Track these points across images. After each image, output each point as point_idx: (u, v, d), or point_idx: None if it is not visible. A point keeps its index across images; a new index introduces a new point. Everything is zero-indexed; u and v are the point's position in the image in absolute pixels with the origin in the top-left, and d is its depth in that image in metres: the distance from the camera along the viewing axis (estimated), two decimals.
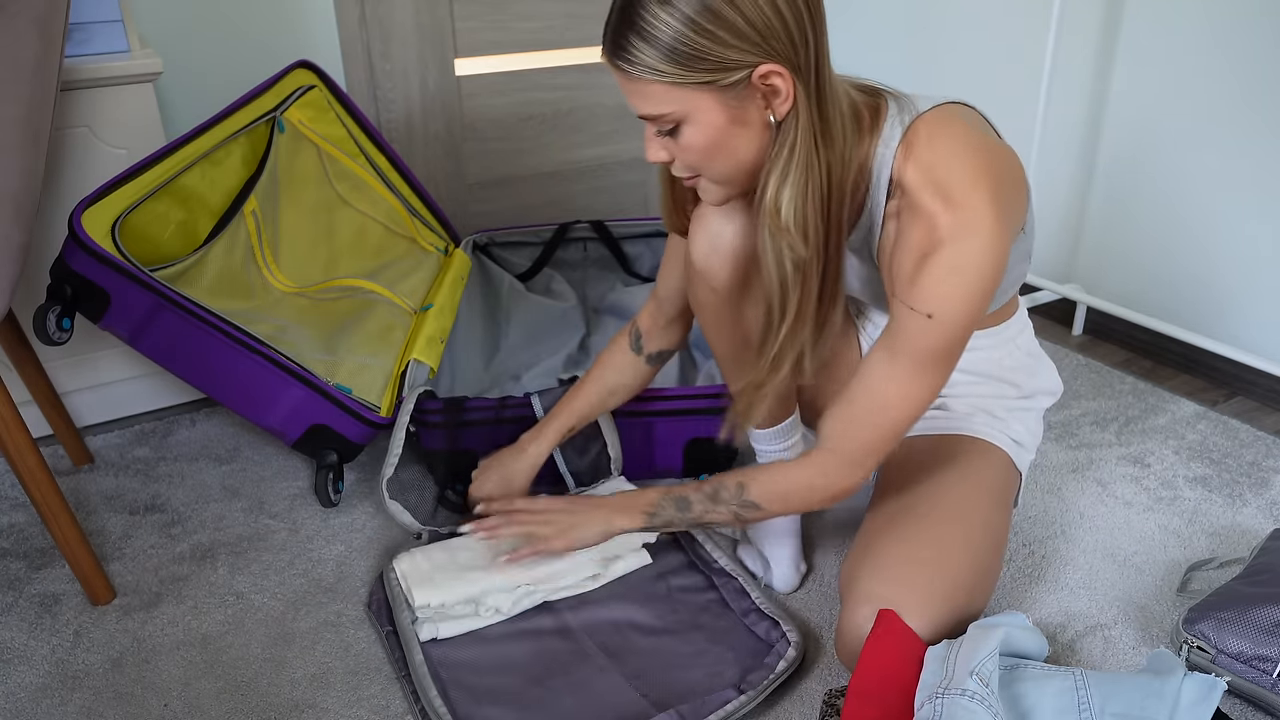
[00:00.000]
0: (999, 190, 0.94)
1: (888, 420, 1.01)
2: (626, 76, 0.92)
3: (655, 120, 0.94)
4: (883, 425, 1.01)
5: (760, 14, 0.87)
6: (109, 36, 1.53)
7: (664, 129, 0.95)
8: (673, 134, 0.95)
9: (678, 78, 0.90)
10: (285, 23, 1.89)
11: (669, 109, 0.92)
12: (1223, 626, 1.09)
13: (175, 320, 1.35)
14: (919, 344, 0.97)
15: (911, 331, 0.96)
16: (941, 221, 0.93)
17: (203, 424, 1.73)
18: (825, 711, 1.03)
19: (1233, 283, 1.78)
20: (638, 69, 0.90)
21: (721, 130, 0.93)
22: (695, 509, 1.10)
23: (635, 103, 0.94)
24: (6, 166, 1.13)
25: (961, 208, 0.93)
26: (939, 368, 0.99)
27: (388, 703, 1.12)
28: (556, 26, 2.16)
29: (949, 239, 0.93)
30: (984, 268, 0.94)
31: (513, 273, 2.02)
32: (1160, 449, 1.60)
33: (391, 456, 1.36)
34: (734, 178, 0.99)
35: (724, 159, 0.96)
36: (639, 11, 0.89)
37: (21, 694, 1.14)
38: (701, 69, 0.89)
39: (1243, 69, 1.68)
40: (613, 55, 0.92)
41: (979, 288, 0.94)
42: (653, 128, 0.96)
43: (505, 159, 2.23)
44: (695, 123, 0.93)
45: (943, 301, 0.94)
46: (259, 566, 1.36)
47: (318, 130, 1.76)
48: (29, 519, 1.47)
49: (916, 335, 0.96)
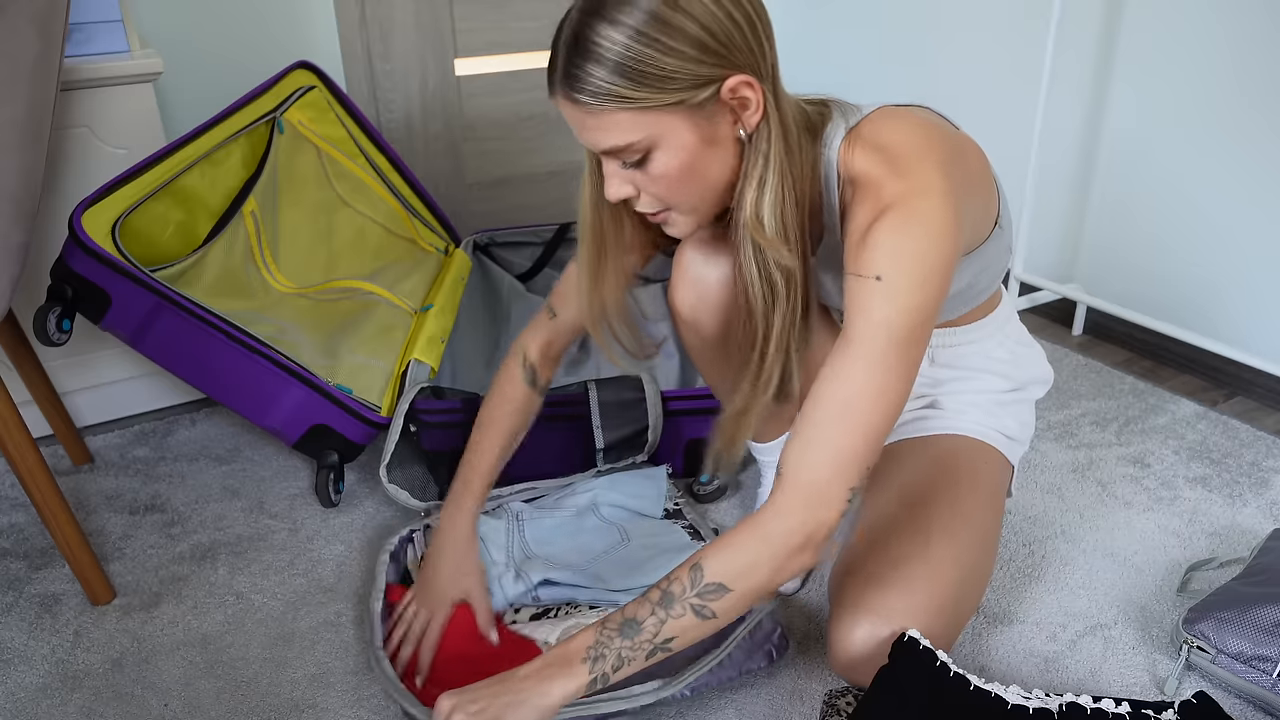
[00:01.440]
0: (948, 164, 0.91)
1: (851, 427, 0.87)
2: (586, 110, 0.86)
3: (620, 153, 0.89)
4: (847, 436, 0.87)
5: (716, 21, 0.84)
6: (109, 36, 1.53)
7: (630, 160, 0.89)
8: (640, 164, 0.89)
9: (644, 101, 0.84)
10: (285, 23, 1.89)
11: (636, 137, 0.87)
12: (1223, 626, 1.09)
13: (176, 321, 1.35)
14: (874, 319, 0.87)
15: (864, 305, 0.87)
16: (887, 188, 0.88)
17: (203, 424, 1.73)
18: (825, 711, 1.03)
19: (1233, 283, 1.78)
20: (599, 99, 0.84)
21: (694, 153, 0.88)
22: (647, 627, 0.88)
23: (595, 138, 0.88)
24: (6, 166, 1.13)
25: (908, 174, 0.89)
26: (900, 352, 0.87)
27: (387, 702, 1.12)
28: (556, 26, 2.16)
29: (896, 202, 0.87)
30: (933, 228, 0.86)
31: (513, 273, 2.02)
32: (1160, 449, 1.60)
33: (390, 444, 1.37)
34: (705, 203, 0.94)
35: (696, 184, 0.91)
36: (587, 36, 0.83)
37: (21, 694, 1.14)
38: (671, 89, 0.84)
39: (1243, 69, 1.68)
40: (569, 89, 0.86)
41: (931, 250, 0.87)
42: (615, 163, 0.90)
43: (505, 159, 2.23)
44: (666, 148, 0.88)
45: (891, 260, 0.86)
46: (259, 566, 1.36)
47: (318, 131, 1.76)
48: (29, 519, 1.47)
49: (870, 309, 0.87)
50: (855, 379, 0.87)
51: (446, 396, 1.42)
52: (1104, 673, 1.15)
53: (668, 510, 1.40)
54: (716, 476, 1.46)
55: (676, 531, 1.34)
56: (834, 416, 0.87)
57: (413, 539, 1.31)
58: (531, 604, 1.22)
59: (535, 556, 1.29)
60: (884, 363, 0.87)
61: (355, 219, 1.79)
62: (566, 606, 1.22)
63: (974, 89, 2.16)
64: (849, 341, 0.88)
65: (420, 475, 1.55)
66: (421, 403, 1.40)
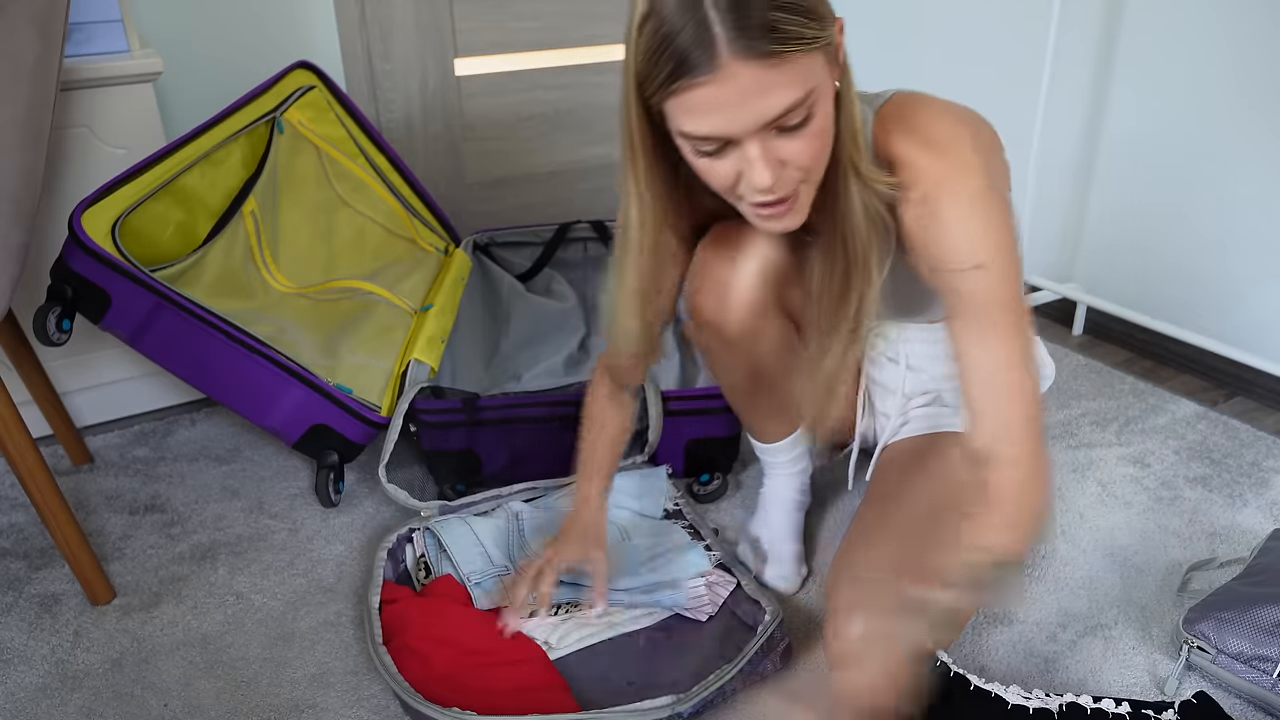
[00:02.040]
0: (976, 136, 0.93)
1: (1021, 400, 0.91)
2: (770, 63, 0.76)
3: (792, 111, 0.79)
4: (1021, 407, 0.91)
5: None
6: (109, 36, 1.53)
7: (794, 122, 0.81)
8: (799, 128, 0.81)
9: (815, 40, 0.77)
10: (285, 23, 1.89)
11: (811, 84, 0.79)
12: (1223, 626, 1.09)
13: (176, 321, 1.35)
14: (992, 299, 0.90)
15: (977, 294, 0.90)
16: (939, 168, 0.90)
17: (203, 424, 1.73)
18: None
19: (1233, 283, 1.78)
20: (787, 43, 0.76)
21: (831, 103, 0.84)
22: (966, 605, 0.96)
23: (768, 104, 0.78)
24: (6, 166, 1.13)
25: (950, 152, 0.90)
26: (1022, 319, 0.91)
27: (388, 702, 1.12)
28: (556, 26, 2.16)
29: (957, 178, 0.89)
30: (992, 200, 0.89)
31: (513, 273, 2.02)
32: (1160, 449, 1.60)
33: (389, 444, 1.36)
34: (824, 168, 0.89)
35: (829, 143, 0.86)
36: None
37: (21, 694, 1.14)
38: (826, 24, 0.79)
39: (1243, 70, 1.68)
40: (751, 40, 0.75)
41: (1003, 219, 0.90)
42: (767, 136, 0.82)
43: (505, 159, 2.22)
44: (821, 99, 0.81)
45: (983, 240, 0.89)
46: (259, 566, 1.36)
47: (317, 131, 1.76)
48: (29, 519, 1.47)
49: (983, 294, 0.90)
50: (1001, 357, 0.91)
51: (446, 396, 1.42)
52: (1104, 673, 1.15)
53: (667, 510, 1.40)
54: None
55: (676, 531, 1.34)
56: (1000, 396, 0.91)
57: (412, 538, 1.31)
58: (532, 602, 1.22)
59: (536, 556, 1.29)
60: (1018, 335, 0.91)
61: (355, 219, 1.79)
62: (567, 605, 1.22)
63: (974, 88, 2.16)
64: (981, 329, 0.91)
65: (420, 475, 1.55)
66: (421, 403, 1.40)
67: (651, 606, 1.22)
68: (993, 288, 0.90)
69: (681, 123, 0.82)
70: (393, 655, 1.11)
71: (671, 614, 1.22)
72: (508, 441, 1.43)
